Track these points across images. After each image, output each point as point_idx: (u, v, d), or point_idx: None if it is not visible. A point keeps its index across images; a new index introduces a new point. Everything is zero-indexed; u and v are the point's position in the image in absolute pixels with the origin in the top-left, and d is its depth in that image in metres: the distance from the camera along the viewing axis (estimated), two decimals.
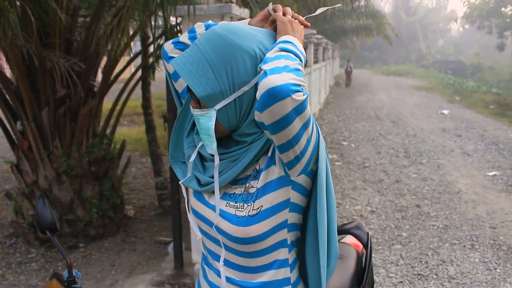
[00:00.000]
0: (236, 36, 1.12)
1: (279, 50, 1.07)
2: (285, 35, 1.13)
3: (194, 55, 1.12)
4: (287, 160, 1.12)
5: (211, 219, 1.24)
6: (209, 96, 1.11)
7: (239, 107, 1.15)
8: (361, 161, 7.67)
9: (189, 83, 1.11)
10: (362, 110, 13.93)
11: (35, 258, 4.16)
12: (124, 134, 9.06)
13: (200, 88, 1.11)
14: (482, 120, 12.16)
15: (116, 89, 5.23)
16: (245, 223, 1.17)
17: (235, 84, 1.12)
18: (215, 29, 1.14)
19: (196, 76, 1.10)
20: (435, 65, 36.97)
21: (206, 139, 1.19)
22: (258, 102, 1.02)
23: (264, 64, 1.04)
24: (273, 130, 1.05)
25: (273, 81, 0.99)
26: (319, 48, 13.61)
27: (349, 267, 1.81)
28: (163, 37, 4.75)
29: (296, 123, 1.04)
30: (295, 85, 0.99)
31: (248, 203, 1.17)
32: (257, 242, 1.19)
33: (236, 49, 1.11)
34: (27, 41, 3.71)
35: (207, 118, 1.15)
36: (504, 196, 5.88)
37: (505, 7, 31.23)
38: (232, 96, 1.12)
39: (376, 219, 5.09)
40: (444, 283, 3.66)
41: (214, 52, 1.11)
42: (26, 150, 4.19)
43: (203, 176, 1.24)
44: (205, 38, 1.14)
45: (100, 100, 4.51)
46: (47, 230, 1.60)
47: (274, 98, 0.99)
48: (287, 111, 1.00)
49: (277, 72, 1.00)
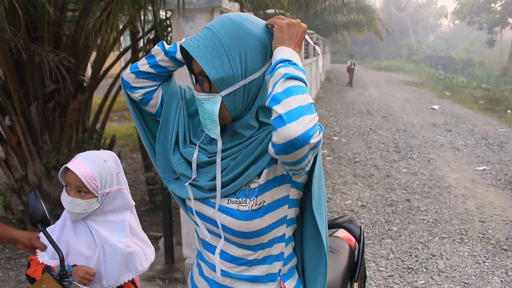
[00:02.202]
0: (250, 23, 1.15)
1: (285, 80, 1.03)
2: (281, 46, 1.11)
3: (208, 39, 1.12)
4: (292, 172, 1.14)
5: (213, 217, 1.24)
6: (222, 80, 1.12)
7: (247, 93, 1.16)
8: (351, 156, 7.70)
9: (203, 66, 1.10)
10: (353, 105, 13.97)
11: (24, 254, 4.12)
12: (114, 129, 9.00)
13: (214, 71, 1.11)
14: (472, 115, 12.25)
15: (105, 84, 5.19)
16: (248, 217, 1.18)
17: (247, 70, 1.13)
18: (230, 16, 1.16)
19: (210, 59, 1.11)
20: (426, 61, 37.17)
21: (209, 123, 1.19)
22: (275, 147, 1.01)
23: (275, 103, 1.01)
24: (289, 165, 1.07)
25: (293, 132, 0.97)
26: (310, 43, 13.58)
27: (341, 261, 1.82)
28: (153, 32, 4.72)
29: (310, 156, 1.06)
30: (312, 128, 0.99)
31: (251, 198, 1.18)
32: (259, 236, 1.21)
33: (251, 36, 1.13)
34: (15, 35, 3.65)
35: (212, 103, 1.16)
36: (493, 190, 5.93)
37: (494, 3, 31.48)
38: (242, 81, 1.14)
39: (367, 213, 5.11)
40: (433, 276, 3.69)
41: (230, 37, 1.12)
42: (15, 145, 4.14)
43: (204, 182, 1.23)
44: (219, 23, 1.14)
45: (90, 95, 4.47)
46: (39, 224, 1.59)
47: (294, 147, 0.99)
48: (305, 153, 1.01)
49: (294, 119, 0.97)
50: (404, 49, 46.19)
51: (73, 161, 1.61)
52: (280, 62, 1.07)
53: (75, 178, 1.58)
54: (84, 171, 1.58)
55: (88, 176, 1.58)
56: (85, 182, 1.57)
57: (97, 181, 1.59)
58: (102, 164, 1.63)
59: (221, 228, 1.22)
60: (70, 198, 1.60)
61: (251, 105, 1.18)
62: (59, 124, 4.14)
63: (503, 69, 28.92)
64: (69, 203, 1.60)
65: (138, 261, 1.69)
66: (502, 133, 9.72)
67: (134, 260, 1.67)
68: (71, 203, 1.60)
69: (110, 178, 1.63)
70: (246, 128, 1.19)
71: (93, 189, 1.59)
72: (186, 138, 1.30)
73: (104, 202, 1.63)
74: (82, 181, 1.56)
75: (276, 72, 1.05)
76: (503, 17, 30.81)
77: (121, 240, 1.64)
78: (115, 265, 1.63)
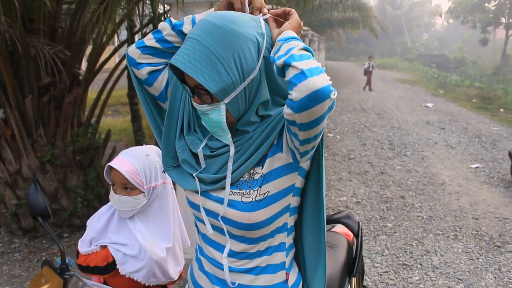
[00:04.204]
0: (236, 24, 1.10)
1: (301, 49, 1.05)
2: (287, 31, 1.12)
3: (197, 51, 1.08)
4: (304, 150, 1.13)
5: (216, 211, 1.22)
6: (222, 89, 1.09)
7: (248, 94, 1.14)
8: (346, 153, 7.72)
9: (200, 81, 1.07)
10: (347, 102, 13.99)
11: (18, 248, 4.10)
12: (108, 124, 8.94)
13: (213, 84, 1.07)
14: (465, 114, 12.33)
15: (99, 79, 5.15)
16: (251, 208, 1.17)
17: (244, 73, 1.10)
18: (212, 20, 1.10)
19: (206, 72, 1.07)
20: (420, 59, 37.32)
21: (217, 131, 1.18)
22: (295, 104, 1.00)
23: (294, 60, 1.01)
24: (305, 128, 1.05)
25: (316, 83, 0.97)
26: (306, 40, 13.60)
27: (340, 256, 1.82)
28: (149, 26, 4.69)
29: (326, 119, 1.05)
30: (330, 85, 1.00)
31: (254, 189, 1.18)
32: (262, 228, 1.20)
33: (240, 38, 1.09)
34: (10, 26, 3.61)
35: (217, 113, 1.13)
36: (486, 188, 5.98)
37: (488, 3, 31.66)
38: (242, 85, 1.11)
39: (362, 210, 5.13)
40: (428, 272, 3.72)
41: (219, 44, 1.07)
42: (9, 139, 4.10)
43: (208, 175, 1.22)
44: (204, 32, 1.09)
45: (85, 88, 4.44)
46: (39, 216, 1.57)
47: (317, 100, 0.98)
48: (324, 110, 1.01)
49: (316, 74, 0.99)
50: (399, 47, 46.34)
51: (115, 159, 1.62)
52: (293, 39, 1.08)
53: (119, 175, 1.58)
54: (127, 167, 1.58)
55: (132, 172, 1.58)
56: (129, 178, 1.57)
57: (141, 176, 1.59)
58: (144, 159, 1.62)
59: (223, 220, 1.21)
60: (118, 196, 1.60)
61: (252, 102, 1.17)
62: (54, 117, 4.10)
63: (496, 68, 29.15)
64: (117, 202, 1.61)
65: (171, 270, 1.71)
66: (495, 132, 9.80)
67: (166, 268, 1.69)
68: (119, 201, 1.60)
69: (154, 172, 1.63)
70: (249, 125, 1.19)
71: (138, 184, 1.59)
72: (191, 126, 1.28)
73: (151, 198, 1.64)
74: (126, 177, 1.56)
75: (291, 42, 1.06)
76: (497, 17, 31.01)
77: (162, 247, 1.66)
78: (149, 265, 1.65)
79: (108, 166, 1.60)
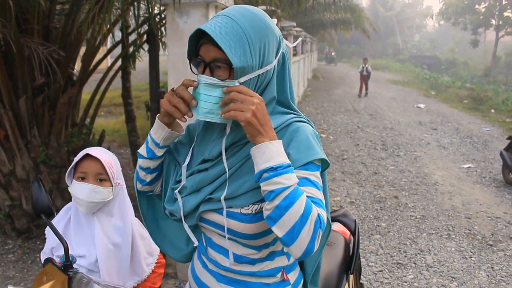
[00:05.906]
0: (268, 18, 1.18)
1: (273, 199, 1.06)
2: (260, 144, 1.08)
3: (230, 27, 1.11)
4: None
5: (218, 222, 1.23)
6: (242, 68, 1.12)
7: (260, 83, 1.18)
8: (339, 153, 7.75)
9: (227, 52, 1.09)
10: (340, 103, 14.05)
11: (12, 250, 4.08)
12: (101, 125, 8.89)
13: (238, 59, 1.10)
14: (457, 114, 12.43)
15: (92, 80, 5.13)
16: (251, 220, 1.18)
17: (263, 62, 1.16)
18: (248, 8, 1.17)
19: (234, 47, 1.10)
20: (411, 60, 37.53)
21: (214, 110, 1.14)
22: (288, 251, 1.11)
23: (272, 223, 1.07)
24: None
25: (297, 252, 1.08)
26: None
27: (337, 254, 1.84)
28: (144, 26, 4.69)
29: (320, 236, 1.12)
30: (312, 239, 1.06)
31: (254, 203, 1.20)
32: (265, 236, 1.22)
33: (270, 30, 1.16)
34: (4, 26, 3.59)
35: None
36: (478, 187, 6.04)
37: (478, 5, 31.91)
38: (259, 71, 1.15)
39: (356, 210, 5.16)
40: (422, 271, 3.75)
41: (252, 28, 1.13)
42: (3, 139, 4.08)
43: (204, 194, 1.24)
44: (240, 14, 1.14)
45: (79, 89, 4.42)
46: (43, 214, 1.57)
47: (306, 256, 1.09)
48: (319, 246, 1.18)
49: (294, 240, 1.06)
50: (390, 48, 46.56)
51: (89, 150, 1.64)
52: (264, 172, 1.07)
53: (95, 165, 1.60)
54: (104, 157, 1.62)
55: (108, 163, 1.62)
56: (107, 167, 1.60)
57: (114, 169, 1.63)
58: (112, 155, 1.68)
59: (226, 231, 1.22)
60: (92, 186, 1.60)
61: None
62: (48, 118, 4.08)
63: (487, 70, 29.39)
64: (89, 192, 1.60)
65: (144, 263, 1.73)
66: (486, 132, 9.89)
67: (140, 262, 1.71)
68: (92, 191, 1.60)
69: (119, 170, 1.68)
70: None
71: (112, 176, 1.62)
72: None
73: (115, 194, 1.67)
74: (104, 166, 1.59)
75: (263, 184, 1.08)
76: (487, 19, 31.26)
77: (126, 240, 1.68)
78: (121, 265, 1.65)
79: (86, 155, 1.63)
